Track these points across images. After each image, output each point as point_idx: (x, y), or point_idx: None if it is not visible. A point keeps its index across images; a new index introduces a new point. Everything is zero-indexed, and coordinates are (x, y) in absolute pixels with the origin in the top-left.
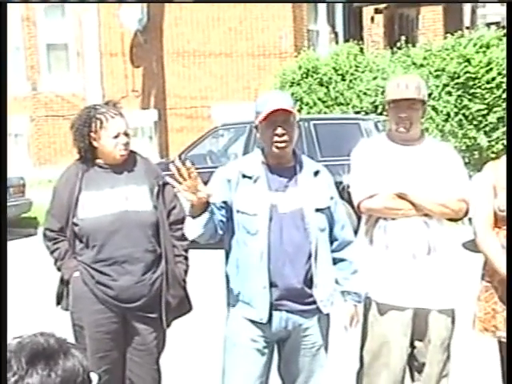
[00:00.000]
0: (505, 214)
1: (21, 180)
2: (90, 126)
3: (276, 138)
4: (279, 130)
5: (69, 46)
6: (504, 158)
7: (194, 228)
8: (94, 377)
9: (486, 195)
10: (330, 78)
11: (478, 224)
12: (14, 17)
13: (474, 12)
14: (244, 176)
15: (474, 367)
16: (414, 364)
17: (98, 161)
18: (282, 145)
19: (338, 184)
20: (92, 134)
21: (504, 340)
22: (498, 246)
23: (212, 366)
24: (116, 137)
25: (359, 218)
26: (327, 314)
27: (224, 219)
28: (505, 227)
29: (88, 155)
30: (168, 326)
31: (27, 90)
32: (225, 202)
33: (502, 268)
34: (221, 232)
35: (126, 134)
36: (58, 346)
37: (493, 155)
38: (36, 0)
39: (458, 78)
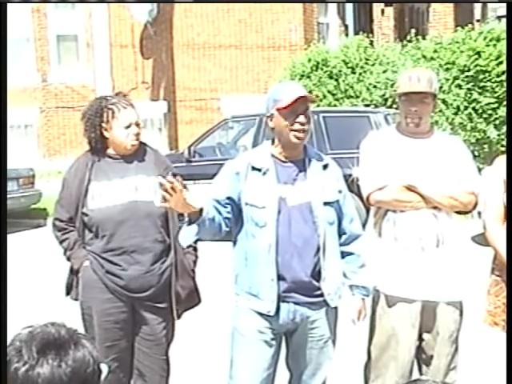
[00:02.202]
0: None
1: (30, 171)
2: (101, 116)
3: (297, 127)
4: (302, 119)
5: (79, 37)
6: None
7: (186, 236)
8: (104, 368)
9: (497, 189)
10: (340, 71)
11: (488, 217)
12: (24, 8)
13: (484, 5)
14: (253, 168)
15: (482, 361)
16: (421, 357)
17: (109, 151)
18: (302, 134)
19: (347, 177)
20: (103, 125)
21: None
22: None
23: (220, 358)
24: (128, 127)
25: (368, 211)
26: (335, 307)
27: (230, 215)
28: None
29: (98, 145)
30: (179, 317)
31: (37, 81)
32: (229, 198)
33: None
34: (227, 229)
35: (137, 125)
36: (69, 336)
37: (502, 148)
38: (36, 0)
39: (468, 71)
